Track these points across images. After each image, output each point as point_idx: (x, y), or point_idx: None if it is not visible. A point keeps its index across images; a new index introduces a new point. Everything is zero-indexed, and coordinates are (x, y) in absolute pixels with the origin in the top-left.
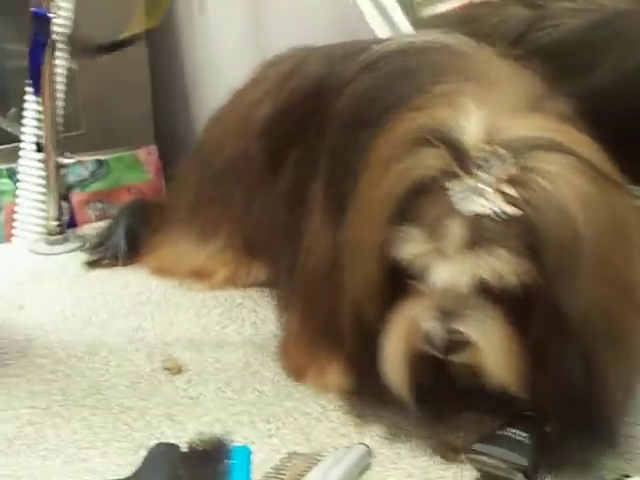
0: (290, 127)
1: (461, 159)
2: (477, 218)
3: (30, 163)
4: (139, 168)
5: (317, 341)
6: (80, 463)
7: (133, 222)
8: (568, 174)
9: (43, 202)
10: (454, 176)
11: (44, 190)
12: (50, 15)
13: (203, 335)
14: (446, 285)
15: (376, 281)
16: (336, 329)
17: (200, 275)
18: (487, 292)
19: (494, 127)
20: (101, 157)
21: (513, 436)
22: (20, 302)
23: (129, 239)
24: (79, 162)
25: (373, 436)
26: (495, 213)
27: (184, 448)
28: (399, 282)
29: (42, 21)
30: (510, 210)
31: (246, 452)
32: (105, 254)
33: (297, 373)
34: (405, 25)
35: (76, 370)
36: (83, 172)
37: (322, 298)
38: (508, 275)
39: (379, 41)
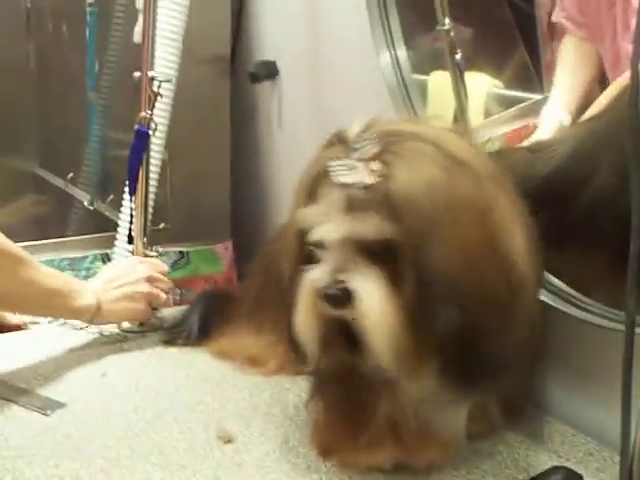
0: None
1: (345, 147)
2: (350, 188)
3: (122, 252)
4: (216, 261)
5: (340, 428)
6: None
7: (206, 310)
8: (419, 157)
9: None
10: (338, 160)
11: None
12: (150, 132)
13: (253, 413)
14: (326, 241)
15: (292, 253)
16: (357, 420)
17: (255, 362)
18: (366, 253)
19: (373, 125)
20: (183, 249)
21: None
22: (103, 370)
23: (201, 324)
24: (163, 253)
25: None
26: (361, 182)
27: None
28: (304, 253)
29: (143, 137)
30: (369, 180)
31: None
32: (180, 335)
33: (323, 452)
34: None
35: (144, 432)
36: (166, 261)
37: (344, 393)
38: (375, 233)
39: None
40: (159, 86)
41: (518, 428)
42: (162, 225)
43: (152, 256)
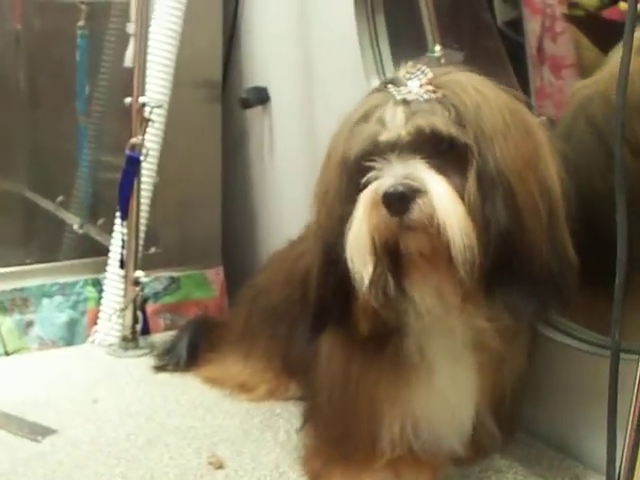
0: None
1: (395, 84)
2: (410, 103)
3: (113, 277)
4: (207, 286)
5: (330, 454)
6: None
7: (195, 337)
8: (471, 80)
9: (121, 311)
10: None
11: (122, 301)
12: (141, 158)
13: (244, 439)
14: (393, 146)
15: (343, 193)
16: (347, 446)
17: (245, 388)
18: (430, 154)
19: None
20: (174, 274)
21: None
22: (94, 397)
23: (190, 351)
24: (155, 278)
25: None
26: (420, 95)
27: None
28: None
29: (134, 162)
30: (430, 94)
31: None
32: (169, 361)
33: (314, 478)
34: None
35: (135, 458)
36: (157, 286)
37: (335, 419)
38: (439, 124)
39: None
40: (150, 112)
41: (507, 453)
42: (153, 250)
43: (144, 281)
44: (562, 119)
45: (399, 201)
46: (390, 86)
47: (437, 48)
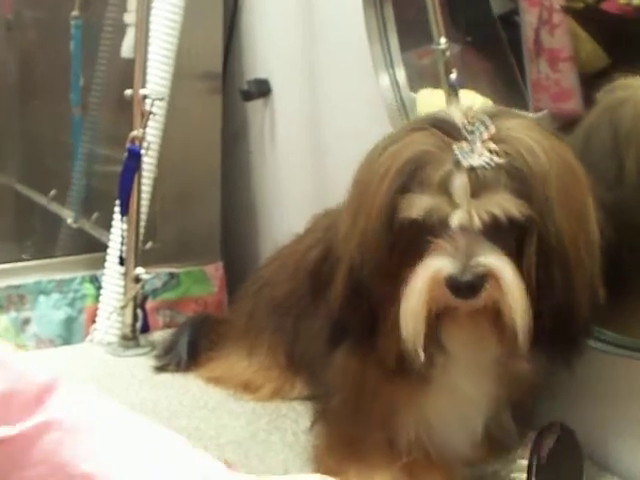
0: (327, 272)
1: (453, 133)
2: (475, 171)
3: (112, 274)
4: (206, 282)
5: (344, 453)
6: None
7: (195, 335)
8: (528, 130)
9: (121, 309)
10: (449, 146)
11: (122, 298)
12: (142, 152)
13: (251, 440)
14: (462, 227)
15: (379, 241)
16: (362, 447)
17: (249, 387)
18: (492, 233)
19: (471, 108)
20: (173, 270)
21: None
22: None
23: (190, 350)
24: (154, 275)
25: None
26: (487, 163)
27: None
28: (407, 245)
29: (135, 156)
30: (497, 159)
31: None
32: (170, 361)
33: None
34: None
35: None
36: (156, 282)
37: (350, 421)
38: (513, 209)
39: None
40: (152, 104)
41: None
42: (150, 244)
43: (145, 278)
44: (585, 119)
45: (467, 289)
46: (448, 138)
47: (442, 40)
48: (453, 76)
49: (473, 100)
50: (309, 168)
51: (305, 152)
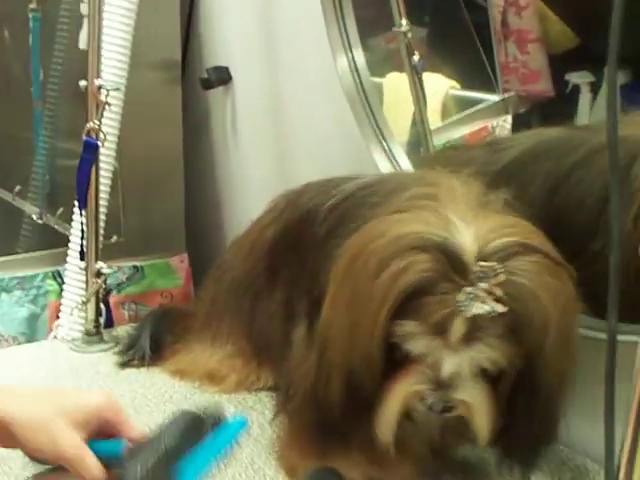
0: (284, 249)
1: (458, 269)
2: (475, 317)
3: (74, 269)
4: (171, 274)
5: (306, 445)
6: None
7: (157, 328)
8: (539, 271)
9: (83, 304)
10: (453, 283)
11: (84, 293)
12: (99, 143)
13: None
14: (452, 373)
15: (375, 359)
16: (323, 434)
17: (213, 378)
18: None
19: (481, 240)
20: (137, 263)
21: None
22: None
23: (153, 344)
24: (117, 268)
25: None
26: (489, 312)
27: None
28: (394, 359)
29: (91, 148)
30: (500, 308)
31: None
32: (133, 356)
33: (289, 471)
34: (405, 162)
35: None
36: (120, 276)
37: (310, 406)
38: (501, 360)
39: (358, 176)
40: (107, 95)
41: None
42: (114, 239)
43: (107, 272)
44: None
45: (443, 412)
46: (453, 272)
47: (403, 22)
48: (416, 58)
49: (437, 84)
50: (272, 155)
51: (268, 139)
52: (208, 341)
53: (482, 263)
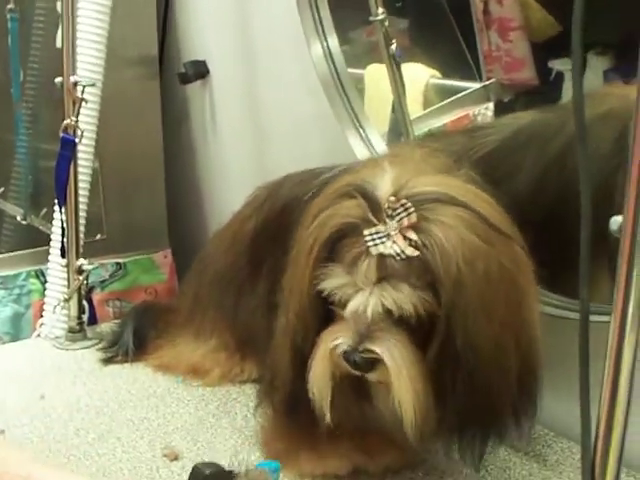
0: (265, 241)
1: (375, 210)
2: (385, 258)
3: (56, 267)
4: (155, 270)
5: (288, 432)
6: None
7: (140, 324)
8: (458, 225)
9: (66, 302)
10: (369, 223)
11: (67, 291)
12: (76, 140)
13: (199, 426)
14: (358, 312)
15: (307, 312)
16: (308, 429)
17: (197, 372)
18: (394, 319)
19: (402, 184)
20: (120, 260)
21: None
22: (41, 392)
23: (136, 339)
24: (100, 265)
25: None
26: (398, 254)
27: None
28: (327, 312)
29: (69, 145)
30: (409, 251)
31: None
32: (117, 352)
33: (274, 460)
34: (383, 149)
35: (87, 454)
36: (103, 273)
37: (289, 395)
38: (407, 305)
39: (338, 166)
40: (83, 91)
41: None
42: (98, 236)
43: (87, 269)
44: None
45: (357, 367)
46: (372, 214)
47: (380, 11)
48: (393, 47)
49: (418, 73)
50: (252, 148)
51: (247, 131)
52: (191, 335)
53: (392, 198)
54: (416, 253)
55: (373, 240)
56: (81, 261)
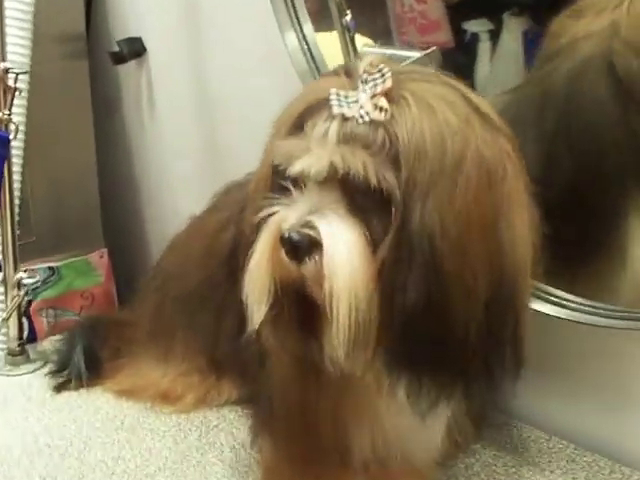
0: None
1: (351, 78)
2: (347, 121)
3: None
4: (91, 272)
5: (295, 472)
6: None
7: (89, 342)
8: (436, 99)
9: (4, 321)
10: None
11: (4, 308)
12: (10, 137)
13: (184, 464)
14: (303, 174)
15: (263, 197)
16: (316, 462)
17: (167, 398)
18: (348, 200)
19: (387, 60)
20: (52, 264)
21: None
22: None
23: (88, 360)
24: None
25: None
26: (361, 115)
27: None
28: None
29: (3, 143)
30: (375, 115)
31: None
32: (69, 377)
33: None
34: None
35: None
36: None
37: (296, 435)
38: (366, 174)
39: None
40: (16, 79)
41: (486, 439)
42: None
43: (28, 282)
44: (554, 77)
45: (294, 250)
46: (349, 86)
47: None
48: (348, 18)
49: None
50: (197, 135)
51: (190, 115)
52: (156, 357)
53: (370, 62)
54: (382, 117)
55: (338, 101)
56: (20, 274)
